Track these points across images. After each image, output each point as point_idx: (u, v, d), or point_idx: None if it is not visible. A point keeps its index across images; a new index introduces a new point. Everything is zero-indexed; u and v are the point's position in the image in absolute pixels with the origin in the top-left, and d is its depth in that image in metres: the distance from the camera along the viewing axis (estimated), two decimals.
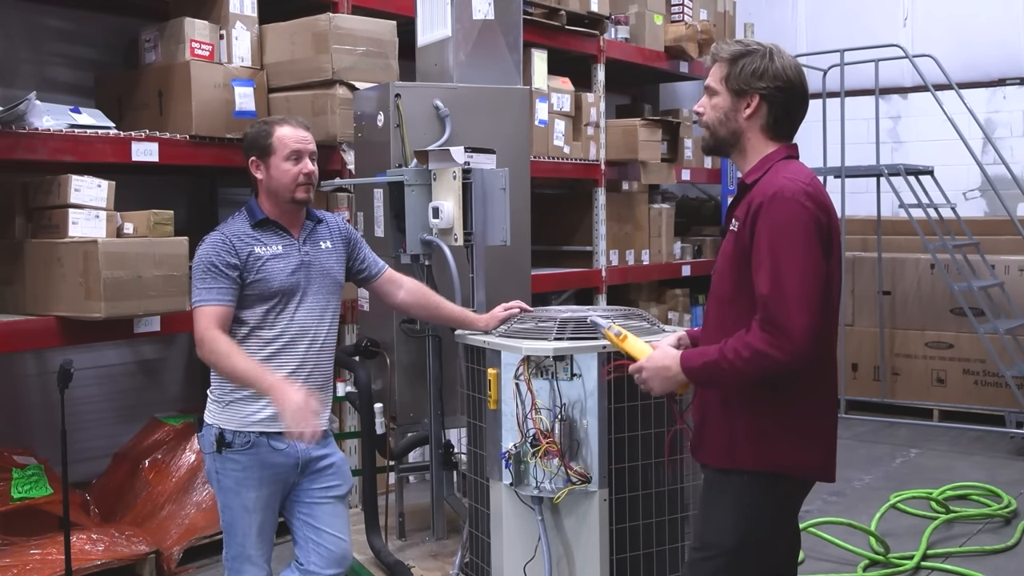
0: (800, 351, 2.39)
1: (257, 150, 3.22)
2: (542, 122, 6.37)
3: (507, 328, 3.54)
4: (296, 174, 3.20)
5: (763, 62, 2.56)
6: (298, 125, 3.25)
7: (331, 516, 3.31)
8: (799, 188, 2.46)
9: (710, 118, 2.65)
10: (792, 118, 2.62)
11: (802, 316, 2.38)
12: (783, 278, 2.40)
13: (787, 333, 2.38)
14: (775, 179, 2.51)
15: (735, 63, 2.58)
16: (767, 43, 2.61)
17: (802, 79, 2.61)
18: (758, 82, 2.56)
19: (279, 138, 3.20)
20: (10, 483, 4.40)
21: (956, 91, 7.64)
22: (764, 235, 2.44)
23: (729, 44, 2.64)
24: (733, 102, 2.60)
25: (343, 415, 5.29)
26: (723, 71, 2.61)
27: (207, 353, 3.06)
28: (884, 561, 4.67)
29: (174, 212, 4.36)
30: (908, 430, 7.43)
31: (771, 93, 2.56)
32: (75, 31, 5.41)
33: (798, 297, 2.39)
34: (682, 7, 7.98)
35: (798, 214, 2.43)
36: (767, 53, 2.57)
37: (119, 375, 5.65)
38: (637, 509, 3.37)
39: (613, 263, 7.35)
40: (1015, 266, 7.60)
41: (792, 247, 2.41)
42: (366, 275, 3.51)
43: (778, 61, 2.56)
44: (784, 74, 2.56)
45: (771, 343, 2.40)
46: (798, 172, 2.53)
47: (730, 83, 2.59)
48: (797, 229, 2.42)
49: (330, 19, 4.85)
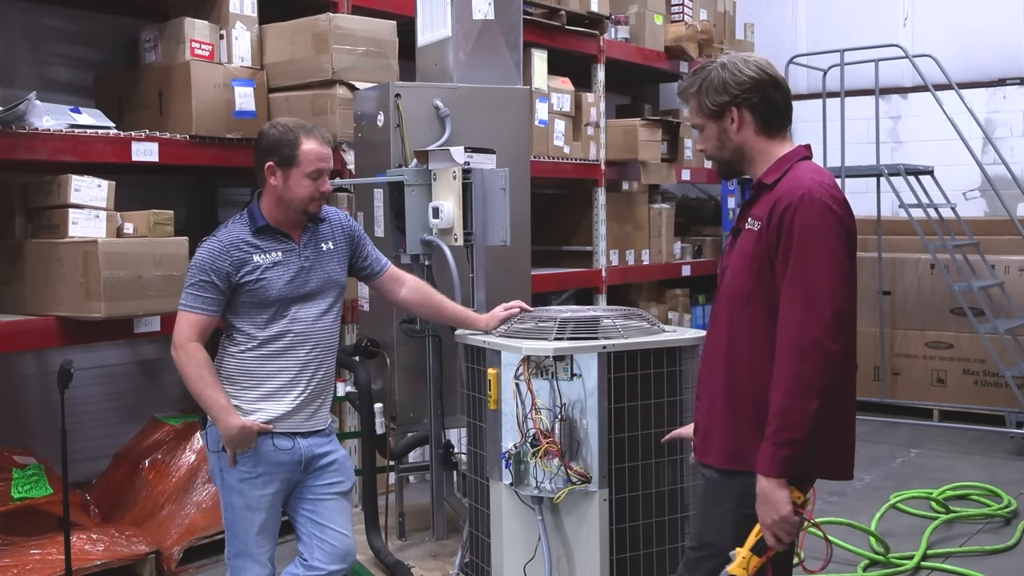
0: (832, 328, 2.39)
1: (279, 157, 3.18)
2: (542, 122, 6.37)
3: (507, 328, 3.54)
4: (314, 191, 3.20)
5: (719, 75, 2.57)
6: (324, 141, 3.23)
7: (335, 512, 3.32)
8: (826, 191, 2.47)
9: (710, 149, 2.67)
10: (777, 108, 2.61)
11: (832, 303, 2.40)
12: (814, 282, 2.42)
13: (818, 318, 2.40)
14: (801, 179, 2.50)
15: (700, 92, 2.61)
16: (719, 57, 2.63)
17: (764, 69, 2.59)
18: (725, 95, 2.57)
19: (306, 153, 3.17)
20: (10, 483, 4.40)
21: (956, 91, 7.64)
22: (795, 237, 2.44)
23: (687, 79, 2.69)
24: (718, 125, 2.62)
25: (343, 415, 5.29)
26: (695, 104, 2.64)
27: (180, 365, 3.14)
28: (884, 561, 4.67)
29: (174, 212, 4.36)
30: (908, 430, 7.43)
31: (743, 97, 2.57)
32: (75, 31, 5.41)
33: (827, 289, 2.41)
34: (682, 7, 7.98)
35: (827, 217, 2.44)
36: (719, 66, 2.59)
37: (119, 375, 5.66)
38: (637, 509, 3.37)
39: (613, 263, 7.35)
40: (1015, 266, 7.60)
41: (822, 251, 2.42)
42: (369, 272, 3.51)
43: (731, 67, 2.57)
44: (743, 75, 2.56)
45: (816, 336, 2.40)
46: (822, 174, 2.54)
47: (704, 111, 2.62)
48: (827, 232, 2.43)
49: (330, 19, 4.85)
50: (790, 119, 2.66)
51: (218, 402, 3.12)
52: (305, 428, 3.26)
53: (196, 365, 3.11)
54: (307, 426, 3.27)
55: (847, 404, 2.61)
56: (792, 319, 2.43)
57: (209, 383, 3.12)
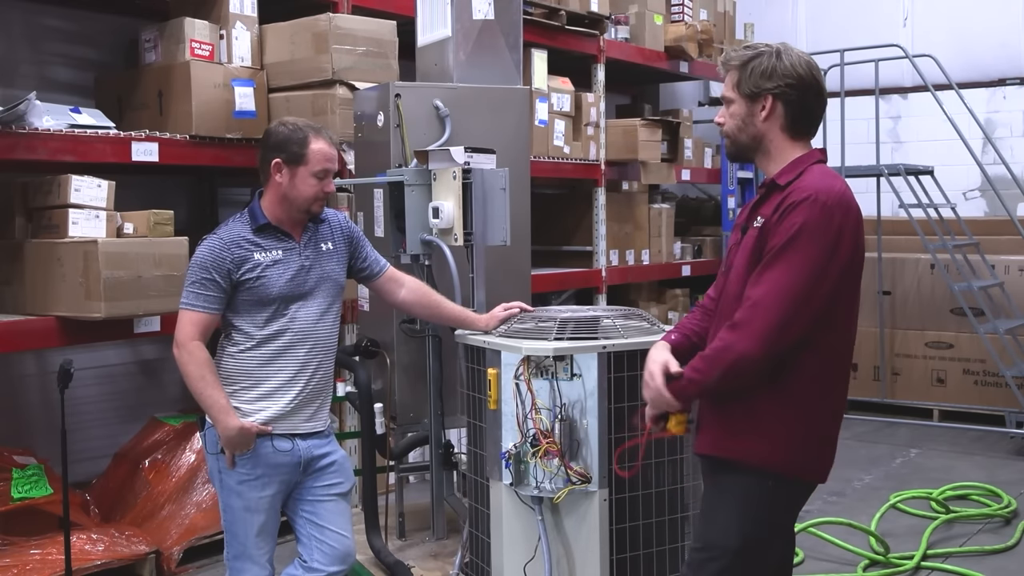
0: (753, 347, 2.45)
1: (287, 154, 3.18)
2: (542, 122, 6.37)
3: (507, 328, 3.54)
4: (319, 191, 3.21)
5: (771, 62, 2.55)
6: (331, 142, 3.25)
7: (334, 513, 3.32)
8: (834, 196, 2.47)
9: (729, 126, 2.65)
10: (810, 114, 2.61)
11: (771, 314, 2.43)
12: (776, 285, 2.44)
13: (748, 327, 2.45)
14: (812, 182, 2.51)
15: (745, 68, 2.58)
16: (776, 44, 2.61)
17: (814, 73, 2.59)
18: (768, 82, 2.55)
19: (315, 152, 3.18)
20: (10, 483, 4.40)
21: (956, 91, 7.64)
22: (785, 232, 2.46)
23: (738, 50, 2.64)
24: (748, 107, 2.60)
25: (343, 415, 5.29)
26: (735, 78, 2.61)
27: (182, 364, 3.14)
28: (884, 561, 4.67)
29: (174, 212, 4.36)
30: (908, 430, 7.43)
31: (783, 91, 2.56)
32: (75, 31, 5.41)
33: (778, 297, 2.44)
34: (682, 7, 7.98)
35: (825, 222, 2.44)
36: (775, 52, 2.56)
37: (119, 375, 5.66)
38: (637, 509, 3.37)
39: (613, 263, 7.35)
40: (1015, 266, 7.60)
41: (802, 255, 2.43)
42: (368, 273, 3.51)
43: (786, 59, 2.55)
44: (794, 71, 2.55)
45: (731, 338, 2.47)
46: (834, 178, 2.54)
47: (742, 88, 2.59)
48: (819, 236, 2.44)
49: (330, 19, 4.85)
50: (817, 128, 2.66)
51: (218, 402, 3.12)
52: (304, 429, 3.26)
53: (197, 364, 3.11)
54: (306, 427, 3.27)
55: (838, 409, 2.64)
56: (743, 309, 2.48)
57: (210, 383, 3.12)
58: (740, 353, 2.46)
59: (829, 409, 2.60)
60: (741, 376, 2.50)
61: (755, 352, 2.44)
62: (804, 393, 2.53)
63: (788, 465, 2.55)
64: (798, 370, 2.52)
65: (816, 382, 2.54)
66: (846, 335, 2.59)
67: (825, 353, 2.54)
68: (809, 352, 2.51)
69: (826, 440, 2.61)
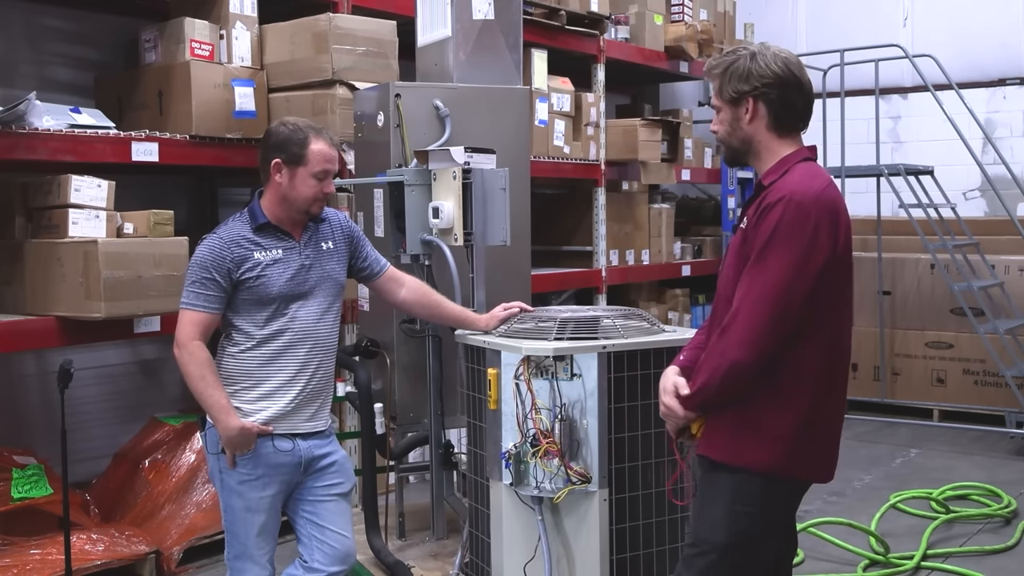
0: (738, 352, 2.49)
1: (287, 155, 3.18)
2: (542, 122, 6.37)
3: (507, 328, 3.54)
4: (318, 191, 3.21)
5: (746, 64, 2.58)
6: (331, 143, 3.25)
7: (335, 513, 3.32)
8: (812, 196, 2.48)
9: (721, 133, 2.69)
10: (794, 109, 2.62)
11: (753, 319, 2.47)
12: (755, 283, 2.48)
13: (733, 334, 2.49)
14: (791, 181, 2.52)
15: (724, 74, 2.62)
16: (754, 45, 2.63)
17: (791, 69, 2.59)
18: (745, 84, 2.58)
19: (315, 152, 3.18)
20: (10, 483, 4.40)
21: (956, 91, 7.64)
22: (763, 235, 2.48)
23: (717, 58, 2.68)
24: (733, 111, 2.63)
25: (343, 415, 5.29)
26: (717, 85, 2.65)
27: (182, 364, 3.14)
28: (884, 561, 4.67)
29: (174, 212, 4.36)
30: (908, 430, 7.43)
31: (762, 92, 2.58)
32: (75, 31, 5.41)
33: (757, 301, 2.47)
34: (682, 7, 7.98)
35: (801, 223, 2.46)
36: (749, 55, 2.59)
37: (119, 375, 5.65)
38: (637, 509, 3.37)
39: (613, 263, 7.35)
40: (1015, 266, 7.60)
41: (780, 256, 2.46)
42: (368, 273, 3.51)
43: (760, 59, 2.58)
44: (768, 69, 2.57)
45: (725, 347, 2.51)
46: (815, 176, 2.55)
47: (724, 94, 2.64)
48: (798, 236, 2.45)
49: (330, 19, 4.85)
50: (806, 123, 2.67)
51: (218, 402, 3.12)
52: (305, 429, 3.26)
53: (198, 364, 3.11)
54: (307, 427, 3.26)
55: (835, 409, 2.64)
56: (729, 315, 2.53)
57: (210, 383, 3.12)
58: (732, 360, 2.50)
59: (826, 407, 2.60)
60: (739, 382, 2.53)
61: (745, 357, 2.48)
62: (798, 391, 2.54)
63: (783, 464, 2.55)
64: (791, 368, 2.53)
65: (810, 380, 2.54)
66: (838, 333, 2.59)
67: (818, 351, 2.55)
68: (801, 350, 2.52)
69: (825, 439, 2.61)
